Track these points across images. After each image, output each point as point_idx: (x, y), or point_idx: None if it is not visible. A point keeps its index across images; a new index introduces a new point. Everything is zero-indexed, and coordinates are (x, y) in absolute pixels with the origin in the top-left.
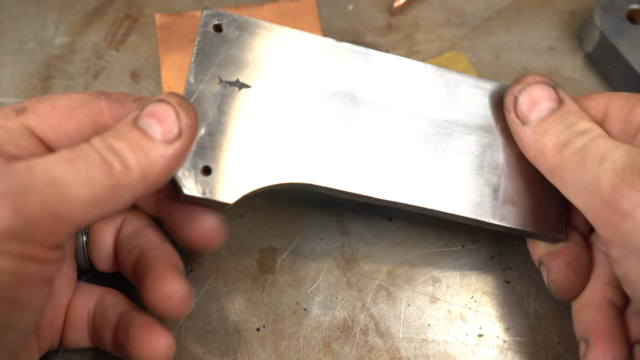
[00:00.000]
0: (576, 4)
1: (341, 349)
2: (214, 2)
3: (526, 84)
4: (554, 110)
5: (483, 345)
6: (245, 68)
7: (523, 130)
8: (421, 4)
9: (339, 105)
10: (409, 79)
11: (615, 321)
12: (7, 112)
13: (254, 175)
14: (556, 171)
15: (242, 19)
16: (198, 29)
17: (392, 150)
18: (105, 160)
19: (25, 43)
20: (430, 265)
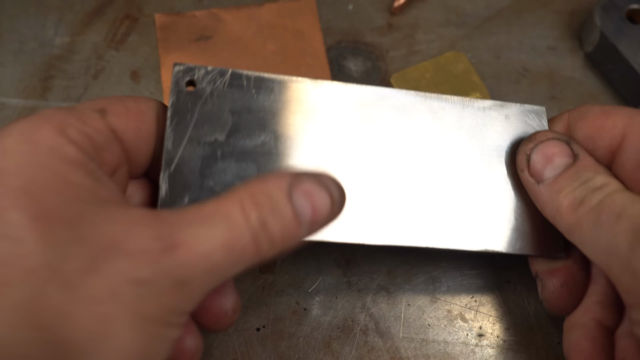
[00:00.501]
0: (576, 4)
1: (341, 349)
2: (214, 3)
3: (538, 141)
4: (568, 167)
5: (483, 345)
6: (223, 124)
7: (538, 189)
8: (421, 4)
9: (322, 149)
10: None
11: (600, 345)
12: (89, 113)
13: None
14: (573, 230)
15: (214, 71)
16: (170, 89)
17: (385, 190)
18: (257, 242)
19: (25, 43)
20: (430, 265)
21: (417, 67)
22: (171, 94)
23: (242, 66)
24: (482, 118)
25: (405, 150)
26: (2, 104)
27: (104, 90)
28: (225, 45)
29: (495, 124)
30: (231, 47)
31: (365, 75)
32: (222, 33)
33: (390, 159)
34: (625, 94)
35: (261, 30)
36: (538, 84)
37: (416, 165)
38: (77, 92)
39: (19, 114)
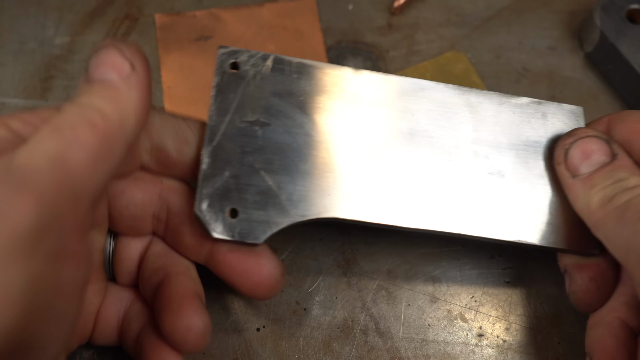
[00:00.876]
0: (576, 4)
1: (341, 349)
2: (214, 3)
3: (578, 137)
4: (605, 164)
5: (483, 345)
6: (264, 105)
7: (572, 182)
8: (421, 4)
9: (360, 135)
10: (419, 100)
11: (623, 344)
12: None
13: (281, 213)
14: (599, 225)
15: (257, 55)
16: (215, 69)
17: (423, 178)
18: (85, 118)
19: (25, 43)
20: (430, 265)
21: (417, 67)
22: (215, 74)
23: None
24: (519, 114)
25: (441, 142)
26: (2, 104)
27: None
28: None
29: (532, 121)
30: None
31: None
32: (222, 33)
33: (427, 150)
34: (625, 94)
35: (261, 30)
36: (538, 84)
37: (452, 156)
38: None
39: None
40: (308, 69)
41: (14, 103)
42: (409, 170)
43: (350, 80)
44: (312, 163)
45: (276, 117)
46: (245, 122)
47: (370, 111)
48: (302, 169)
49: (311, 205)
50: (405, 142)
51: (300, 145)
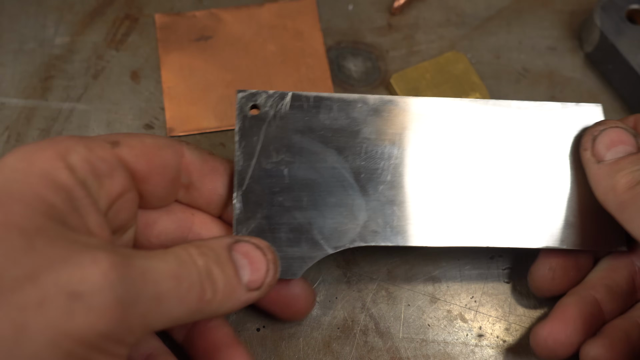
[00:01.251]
0: (576, 4)
1: (341, 349)
2: (214, 3)
3: (607, 126)
4: (631, 154)
5: (483, 345)
6: (287, 144)
7: (597, 167)
8: (421, 4)
9: (382, 161)
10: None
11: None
12: (102, 143)
13: (314, 247)
14: (625, 206)
15: (275, 94)
16: (236, 114)
17: (453, 194)
18: (202, 285)
19: (25, 43)
20: (430, 265)
21: (417, 67)
22: (237, 119)
23: (242, 66)
24: (545, 120)
25: (471, 158)
26: (2, 104)
27: (104, 90)
28: (225, 45)
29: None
30: (231, 47)
31: (365, 75)
32: (222, 33)
33: (457, 166)
34: (625, 94)
35: (261, 30)
36: (538, 84)
37: (478, 167)
38: (77, 92)
39: (19, 114)
40: (325, 102)
41: (14, 103)
42: (441, 189)
43: (364, 107)
44: (339, 195)
45: (300, 155)
46: (271, 163)
47: (388, 137)
48: (331, 201)
49: (343, 235)
50: (432, 162)
51: (326, 179)
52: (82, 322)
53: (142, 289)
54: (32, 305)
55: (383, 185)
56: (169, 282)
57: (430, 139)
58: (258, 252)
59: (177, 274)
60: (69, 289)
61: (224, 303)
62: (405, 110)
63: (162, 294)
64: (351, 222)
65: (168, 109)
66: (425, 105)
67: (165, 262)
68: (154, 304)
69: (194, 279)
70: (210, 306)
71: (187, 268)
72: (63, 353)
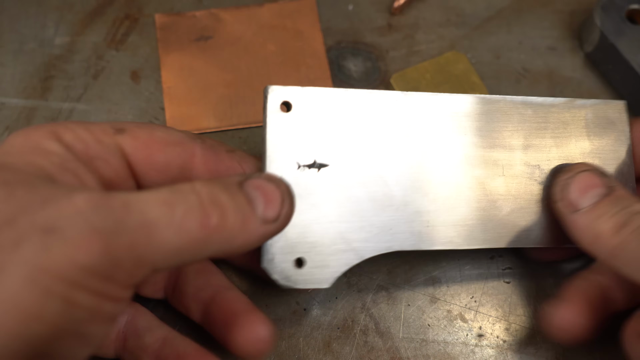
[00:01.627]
0: (576, 4)
1: (341, 349)
2: (214, 3)
3: (574, 172)
4: (605, 196)
5: (483, 345)
6: (320, 146)
7: (575, 217)
8: (421, 4)
9: (416, 162)
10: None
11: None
12: (106, 127)
13: (345, 255)
14: (616, 252)
15: (305, 90)
16: (264, 112)
17: (480, 198)
18: (205, 210)
19: (25, 43)
20: (430, 265)
21: (417, 68)
22: (266, 117)
23: (242, 66)
24: (565, 117)
25: (494, 157)
26: (2, 104)
27: (104, 90)
28: (225, 45)
29: (577, 122)
30: (231, 47)
31: (365, 75)
32: (222, 33)
33: (482, 169)
34: (625, 94)
35: (261, 30)
36: (538, 84)
37: (505, 170)
38: (77, 92)
39: (19, 114)
40: (355, 98)
41: (14, 103)
42: (468, 192)
43: (400, 104)
44: (372, 199)
45: (333, 155)
46: (303, 167)
47: (423, 135)
48: (363, 207)
49: (374, 242)
50: (461, 164)
51: (358, 183)
52: (59, 256)
53: (124, 218)
54: (8, 246)
55: (416, 188)
56: (158, 209)
57: (465, 139)
58: (271, 184)
59: (168, 200)
60: (44, 225)
61: (238, 233)
62: (443, 105)
63: (151, 222)
64: (383, 228)
65: (168, 109)
66: (459, 101)
67: (156, 192)
68: (142, 234)
69: (191, 203)
70: (221, 234)
71: (182, 194)
72: (41, 290)
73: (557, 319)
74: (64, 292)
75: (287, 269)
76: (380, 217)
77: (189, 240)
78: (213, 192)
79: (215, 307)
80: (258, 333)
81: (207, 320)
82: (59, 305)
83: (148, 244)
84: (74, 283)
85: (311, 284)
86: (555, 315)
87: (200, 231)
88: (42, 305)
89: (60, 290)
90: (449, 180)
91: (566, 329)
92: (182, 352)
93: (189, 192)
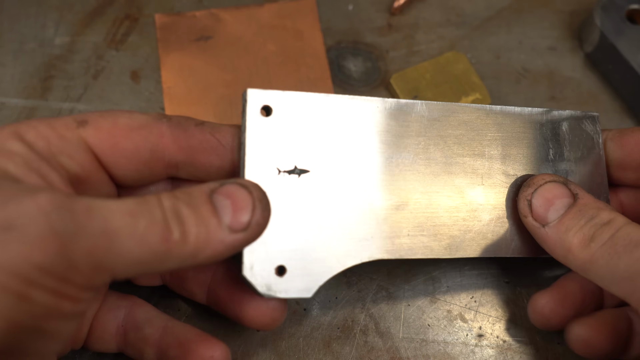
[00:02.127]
0: (576, 4)
1: (341, 349)
2: (214, 3)
3: (536, 185)
4: (570, 206)
5: (483, 345)
6: (301, 151)
7: (545, 232)
8: (421, 4)
9: (396, 170)
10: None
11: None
12: (68, 121)
13: (326, 264)
14: (588, 266)
15: (285, 95)
16: (243, 116)
17: (459, 207)
18: (166, 224)
19: (25, 43)
20: (430, 265)
21: (417, 68)
22: (245, 121)
23: (242, 66)
24: (542, 127)
25: (473, 166)
26: (2, 104)
27: (104, 90)
28: (225, 45)
29: (553, 132)
30: (231, 48)
31: (365, 75)
32: (222, 33)
33: (462, 177)
34: (625, 94)
35: (261, 31)
36: (538, 84)
37: (484, 179)
38: (77, 92)
39: (18, 114)
40: (336, 104)
41: (14, 103)
42: (447, 201)
43: (380, 111)
44: (354, 207)
45: (312, 162)
46: (283, 172)
47: (403, 142)
48: (345, 214)
49: (355, 251)
50: (440, 172)
51: (339, 190)
52: (15, 253)
53: (85, 223)
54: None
55: (395, 196)
56: (121, 219)
57: (444, 147)
58: (242, 191)
59: (133, 211)
60: (2, 223)
61: (203, 246)
62: (423, 114)
63: (112, 230)
64: (363, 237)
65: (168, 109)
66: (441, 109)
67: (122, 202)
68: (102, 241)
69: (155, 217)
70: (182, 249)
71: (147, 206)
72: (3, 288)
73: (536, 304)
74: (18, 288)
75: (267, 278)
76: (361, 225)
77: (150, 253)
78: (176, 206)
79: (219, 289)
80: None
81: (213, 302)
82: (13, 301)
83: (107, 251)
84: (29, 280)
85: (293, 293)
86: (534, 301)
87: (161, 245)
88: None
89: (14, 287)
90: (428, 189)
91: (553, 317)
92: (183, 339)
93: (154, 205)
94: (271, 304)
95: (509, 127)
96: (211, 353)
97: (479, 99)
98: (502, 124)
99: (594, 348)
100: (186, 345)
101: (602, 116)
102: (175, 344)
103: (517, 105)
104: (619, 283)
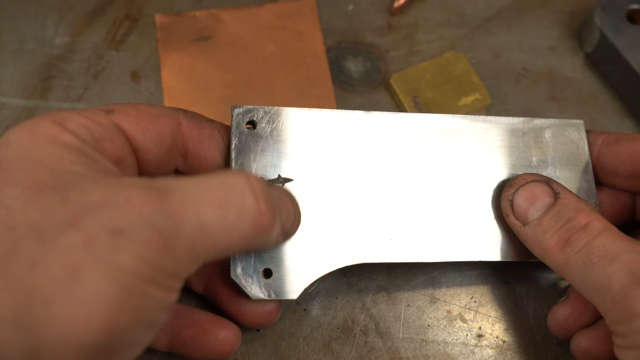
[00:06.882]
0: (576, 4)
1: (341, 349)
2: (214, 3)
3: (518, 185)
4: (550, 206)
5: (483, 345)
6: (284, 161)
7: (525, 231)
8: (421, 4)
9: (379, 178)
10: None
11: None
12: (96, 111)
13: (313, 266)
14: (563, 269)
15: (271, 110)
16: (231, 130)
17: (442, 212)
18: (259, 202)
19: (25, 43)
20: (430, 265)
21: (416, 68)
22: (233, 135)
23: (242, 66)
24: (524, 135)
25: (456, 173)
26: (2, 104)
27: (104, 91)
28: (225, 45)
29: (537, 140)
30: (231, 48)
31: (365, 75)
32: (222, 33)
33: (444, 183)
34: (625, 94)
35: (261, 31)
36: (538, 84)
37: (467, 185)
38: (77, 92)
39: (19, 114)
40: (319, 118)
41: (14, 103)
42: (430, 206)
43: (361, 123)
44: (336, 213)
45: (297, 172)
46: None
47: (385, 151)
48: (327, 220)
49: (339, 254)
50: (423, 180)
51: (322, 197)
52: (130, 254)
53: (181, 220)
54: (78, 247)
55: (379, 202)
56: (213, 211)
57: (425, 156)
58: (288, 200)
59: (222, 202)
60: (110, 226)
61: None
62: (404, 124)
63: (206, 225)
64: (347, 241)
65: None
66: (422, 119)
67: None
68: (199, 236)
69: (247, 199)
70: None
71: (239, 191)
72: (120, 286)
73: (558, 317)
74: (139, 286)
75: (255, 280)
76: (345, 230)
77: (239, 239)
78: (263, 185)
79: (219, 283)
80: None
81: (210, 293)
82: (137, 299)
83: (204, 246)
84: (147, 278)
85: (279, 294)
86: (556, 314)
87: (250, 230)
88: (123, 299)
89: (136, 285)
90: (411, 196)
91: (566, 327)
92: (197, 320)
93: (244, 186)
94: (265, 303)
95: (491, 135)
96: (226, 333)
97: (479, 99)
98: (483, 133)
99: (595, 358)
100: (200, 325)
101: (602, 116)
102: (189, 325)
103: (517, 105)
104: (590, 291)
